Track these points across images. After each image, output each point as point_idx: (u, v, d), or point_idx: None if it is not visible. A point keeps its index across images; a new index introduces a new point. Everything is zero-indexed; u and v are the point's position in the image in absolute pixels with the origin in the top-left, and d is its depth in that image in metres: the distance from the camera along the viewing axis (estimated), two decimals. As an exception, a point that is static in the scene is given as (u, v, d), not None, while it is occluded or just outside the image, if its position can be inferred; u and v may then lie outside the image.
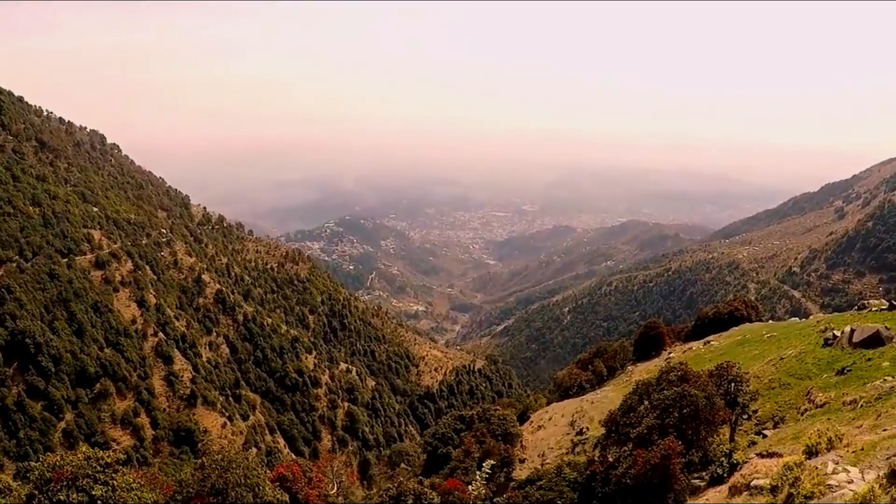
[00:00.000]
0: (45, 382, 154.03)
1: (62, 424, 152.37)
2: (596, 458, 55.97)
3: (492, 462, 14.83)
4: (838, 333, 57.79)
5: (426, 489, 51.75)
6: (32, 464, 24.13)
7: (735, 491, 26.99)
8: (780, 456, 28.55)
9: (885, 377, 42.02)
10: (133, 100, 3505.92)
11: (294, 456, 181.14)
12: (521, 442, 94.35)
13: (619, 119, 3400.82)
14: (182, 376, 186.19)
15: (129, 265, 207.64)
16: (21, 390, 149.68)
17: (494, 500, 56.22)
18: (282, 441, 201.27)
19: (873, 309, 68.40)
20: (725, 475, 35.51)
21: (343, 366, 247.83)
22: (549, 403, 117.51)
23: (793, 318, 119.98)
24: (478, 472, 13.70)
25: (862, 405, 38.42)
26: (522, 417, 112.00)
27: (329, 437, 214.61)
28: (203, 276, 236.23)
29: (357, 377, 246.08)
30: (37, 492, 22.37)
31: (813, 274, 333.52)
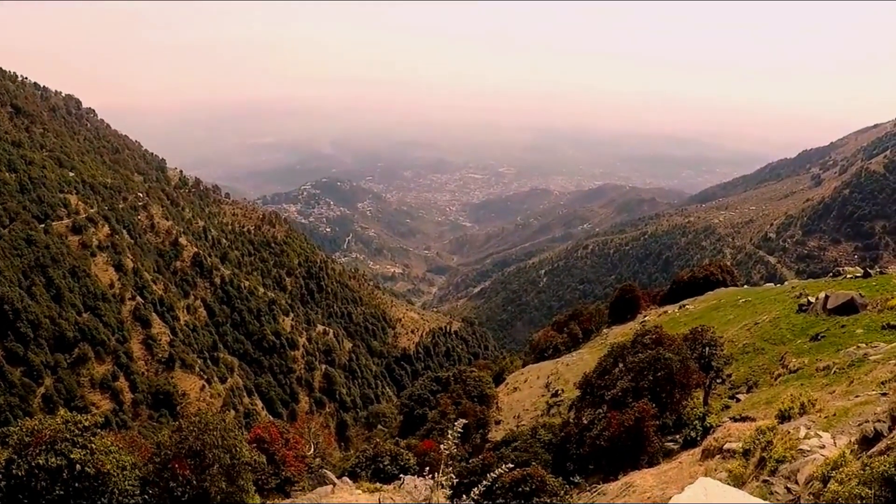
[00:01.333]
0: (23, 348, 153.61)
1: (41, 390, 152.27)
2: (571, 420, 56.46)
3: (464, 421, 15.00)
4: (813, 300, 58.31)
5: (403, 450, 52.11)
6: (11, 429, 24.11)
7: (708, 454, 27.28)
8: (753, 420, 28.88)
9: (859, 344, 42.44)
10: (107, 63, 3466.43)
11: (272, 418, 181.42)
12: (497, 403, 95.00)
13: (594, 81, 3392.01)
14: (160, 340, 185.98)
15: (106, 229, 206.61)
16: (0, 356, 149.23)
17: (470, 460, 56.65)
18: (259, 403, 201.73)
19: (848, 276, 69.02)
20: (699, 438, 35.84)
21: (320, 328, 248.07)
22: (524, 365, 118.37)
23: (768, 284, 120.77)
24: (449, 432, 13.85)
25: (835, 371, 38.78)
26: (498, 379, 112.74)
27: (306, 398, 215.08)
28: (180, 240, 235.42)
29: (334, 339, 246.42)
30: (15, 456, 22.36)
31: (789, 240, 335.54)
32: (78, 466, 22.49)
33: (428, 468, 17.64)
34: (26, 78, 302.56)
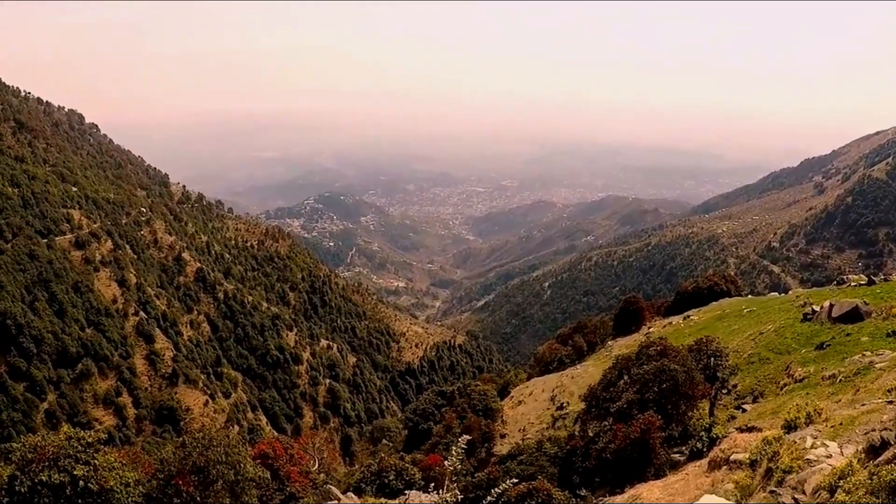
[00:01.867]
0: (26, 363, 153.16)
1: (44, 405, 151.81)
2: (576, 433, 56.38)
3: (468, 437, 14.99)
4: (817, 308, 58.17)
5: (408, 465, 52.06)
6: (14, 444, 24.05)
7: (714, 465, 27.14)
8: (760, 430, 28.70)
9: (864, 352, 42.27)
10: (109, 74, 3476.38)
11: (276, 433, 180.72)
12: (502, 417, 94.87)
13: (592, 91, 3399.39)
14: (163, 355, 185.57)
15: (109, 245, 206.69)
16: (2, 372, 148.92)
17: (475, 474, 56.53)
18: (264, 418, 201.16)
19: (852, 284, 68.95)
20: (705, 449, 35.66)
21: (324, 342, 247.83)
22: (529, 378, 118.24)
23: (772, 293, 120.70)
24: (453, 447, 13.83)
25: (841, 380, 38.67)
26: (503, 392, 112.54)
27: (311, 413, 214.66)
28: (183, 255, 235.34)
29: (338, 354, 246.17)
30: (18, 472, 22.34)
31: (792, 249, 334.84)
32: (81, 483, 22.47)
33: (433, 483, 17.59)
34: (29, 93, 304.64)
